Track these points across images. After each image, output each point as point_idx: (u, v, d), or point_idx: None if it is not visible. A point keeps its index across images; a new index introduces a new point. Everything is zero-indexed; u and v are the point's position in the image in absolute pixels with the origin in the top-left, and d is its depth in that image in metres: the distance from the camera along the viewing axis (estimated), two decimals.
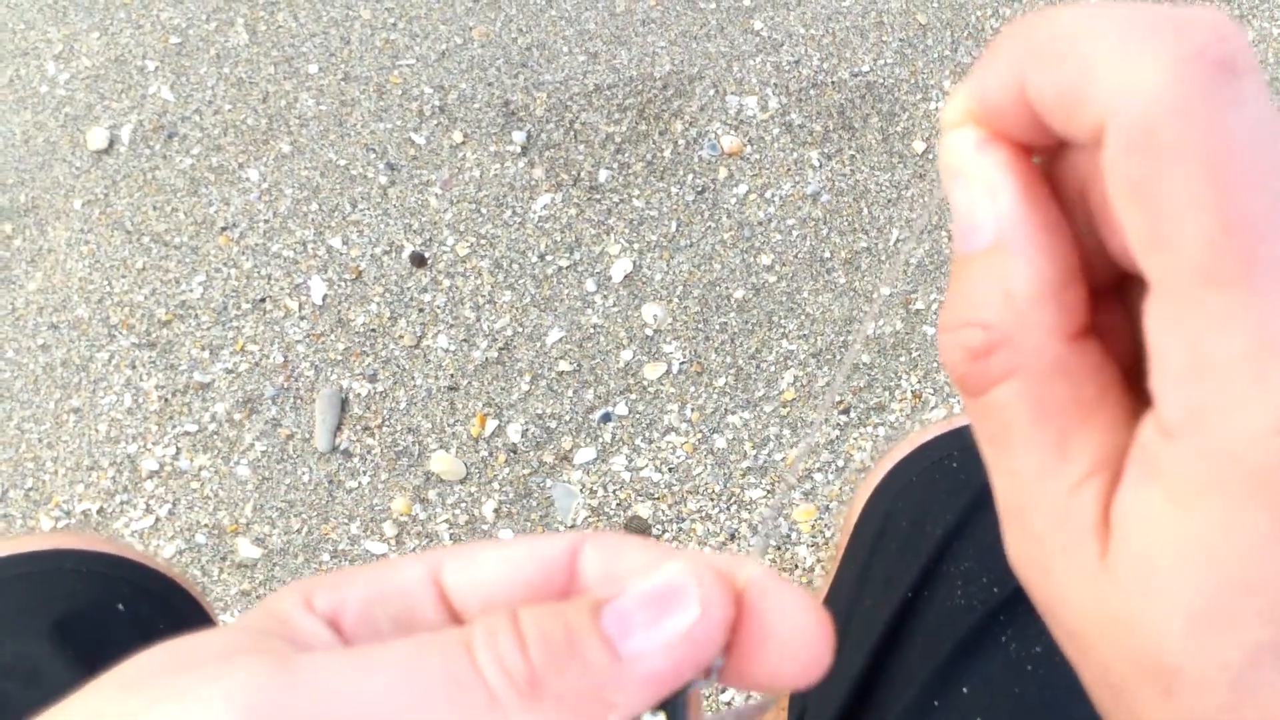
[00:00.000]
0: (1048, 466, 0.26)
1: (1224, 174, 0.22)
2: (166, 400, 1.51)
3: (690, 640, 0.27)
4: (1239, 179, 0.22)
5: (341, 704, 0.24)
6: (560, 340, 1.56)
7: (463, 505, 1.48)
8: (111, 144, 1.62)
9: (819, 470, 1.53)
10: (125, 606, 0.74)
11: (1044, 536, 0.26)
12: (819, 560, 1.48)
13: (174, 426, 1.50)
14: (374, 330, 1.55)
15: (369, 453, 1.49)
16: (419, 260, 1.58)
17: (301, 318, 1.55)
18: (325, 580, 0.29)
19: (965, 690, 0.66)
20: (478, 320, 1.56)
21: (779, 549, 1.48)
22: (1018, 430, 0.26)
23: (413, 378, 1.53)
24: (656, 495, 1.50)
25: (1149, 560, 0.24)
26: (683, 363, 1.56)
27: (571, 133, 1.66)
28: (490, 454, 1.50)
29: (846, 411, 1.55)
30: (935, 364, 1.59)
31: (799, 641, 0.28)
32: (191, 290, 1.56)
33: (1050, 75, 0.24)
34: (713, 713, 1.39)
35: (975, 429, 0.28)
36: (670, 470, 1.51)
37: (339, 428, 1.50)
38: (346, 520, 1.47)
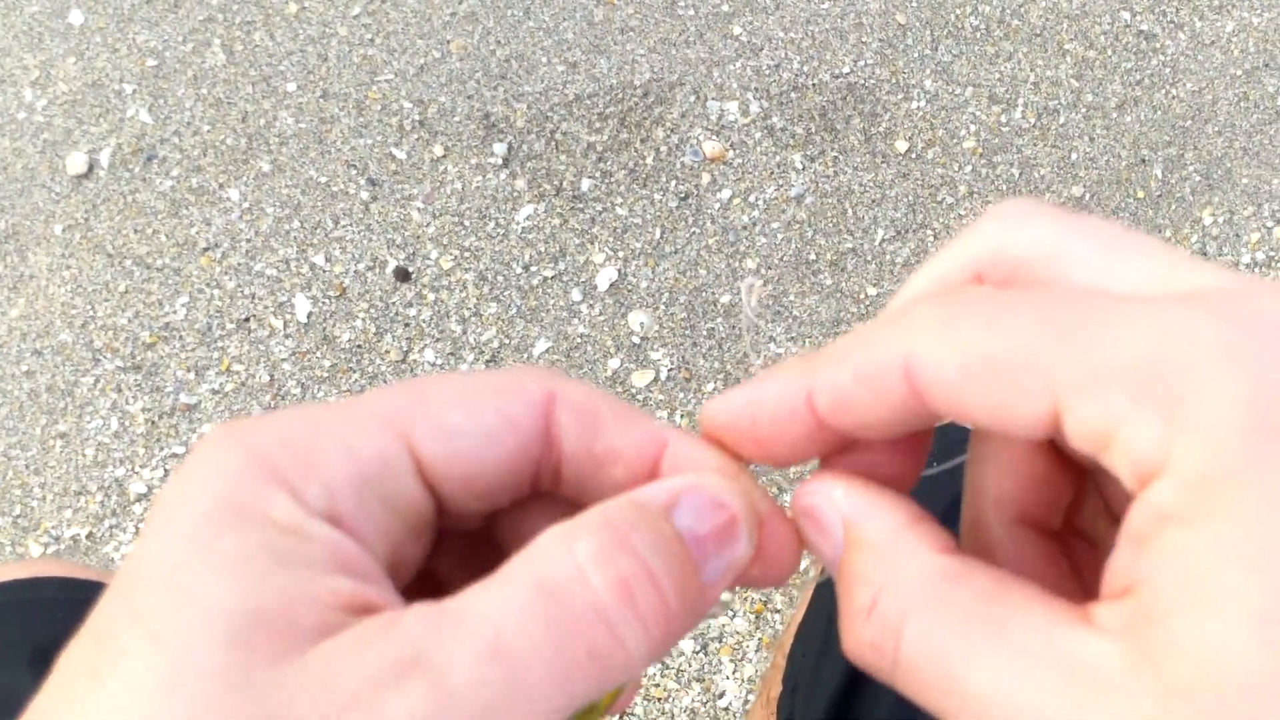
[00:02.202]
0: (1017, 643, 0.24)
1: None
2: (153, 423, 1.51)
3: (738, 571, 0.28)
4: None
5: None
6: (547, 351, 1.55)
7: None
8: (91, 168, 1.61)
9: (810, 470, 1.52)
10: None
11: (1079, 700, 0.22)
12: (813, 560, 1.47)
13: (162, 449, 1.49)
14: (360, 346, 1.54)
15: None
16: (403, 275, 1.57)
17: (287, 336, 1.54)
18: (295, 461, 0.25)
19: None
20: (464, 333, 1.56)
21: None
22: (953, 647, 0.24)
23: None
24: None
25: (1195, 591, 0.21)
26: (671, 369, 1.56)
27: (553, 143, 1.65)
28: None
29: None
30: None
31: (782, 558, 0.30)
32: (175, 312, 1.55)
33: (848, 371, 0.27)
34: None
35: (928, 698, 0.25)
36: None
37: None
38: None
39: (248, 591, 0.23)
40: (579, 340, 1.56)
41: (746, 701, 1.39)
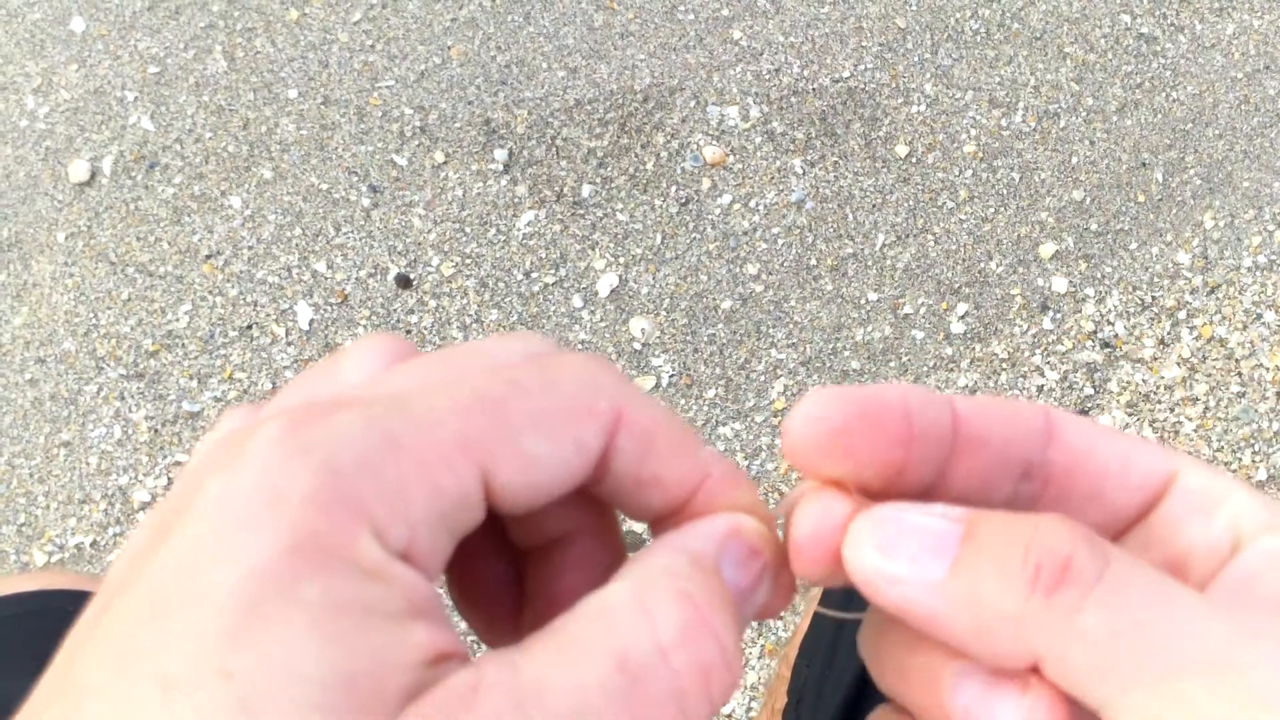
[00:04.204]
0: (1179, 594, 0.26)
1: None
2: (156, 431, 1.51)
3: (756, 613, 0.29)
4: None
5: None
6: None
7: None
8: (93, 176, 1.62)
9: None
10: None
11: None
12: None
13: (165, 457, 1.50)
14: None
15: None
16: (404, 282, 1.58)
17: (289, 343, 1.55)
18: (381, 494, 0.23)
19: None
20: (465, 340, 1.56)
21: None
22: (1159, 574, 0.26)
23: None
24: None
25: None
26: (672, 375, 1.56)
27: (553, 149, 1.66)
28: None
29: None
30: (925, 368, 1.59)
31: (785, 597, 0.30)
32: (178, 320, 1.56)
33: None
34: None
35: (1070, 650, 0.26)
36: None
37: None
38: None
39: (338, 654, 0.21)
40: (580, 346, 1.56)
41: (750, 709, 1.40)
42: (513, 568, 0.32)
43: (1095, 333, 1.63)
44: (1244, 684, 0.23)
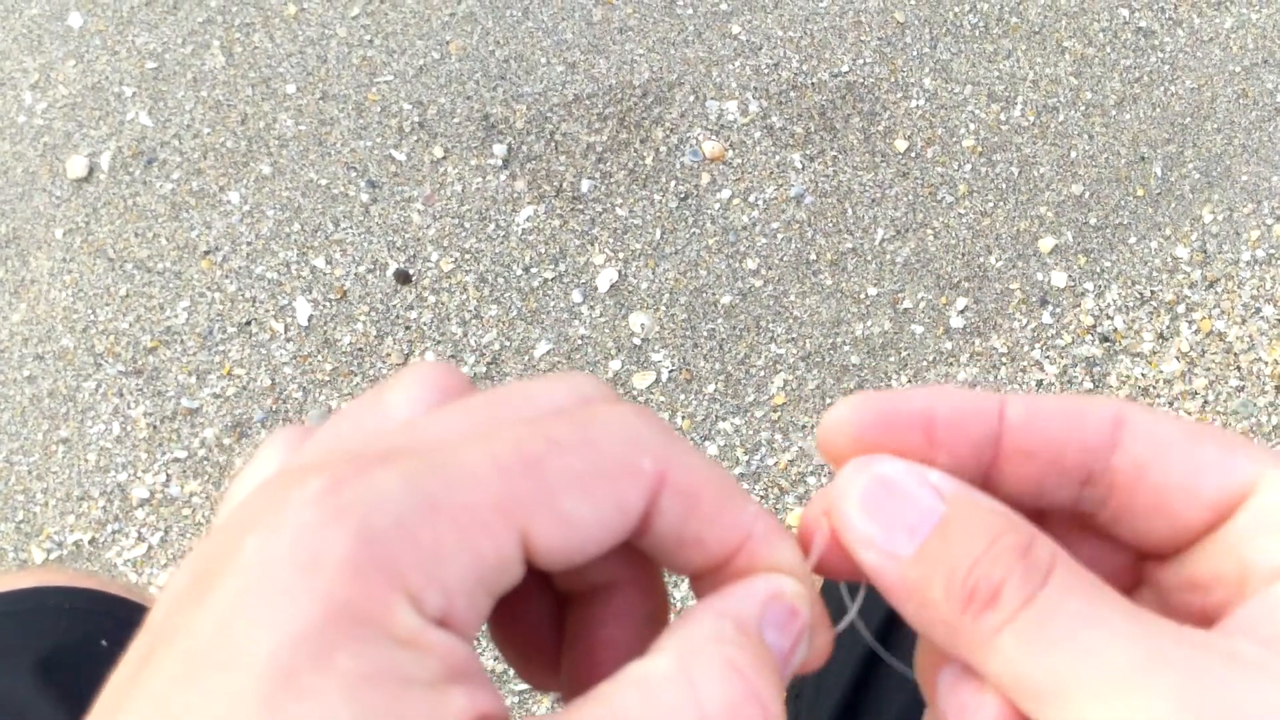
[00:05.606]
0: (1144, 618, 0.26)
1: None
2: (155, 427, 1.51)
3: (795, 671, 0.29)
4: None
5: None
6: (548, 353, 1.55)
7: None
8: (91, 172, 1.61)
9: (811, 474, 1.52)
10: (109, 642, 0.74)
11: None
12: None
13: (163, 453, 1.50)
14: (361, 349, 1.54)
15: None
16: (404, 277, 1.58)
17: (288, 339, 1.55)
18: (417, 562, 0.23)
19: None
20: (465, 335, 1.56)
21: None
22: (1098, 597, 0.27)
23: None
24: None
25: None
26: (672, 370, 1.56)
27: (552, 144, 1.65)
28: None
29: None
30: (925, 362, 1.59)
31: (823, 654, 0.30)
32: (176, 316, 1.55)
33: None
34: None
35: (1028, 662, 0.27)
36: None
37: None
38: None
39: None
40: (580, 342, 1.56)
41: None
42: (553, 610, 0.31)
43: (1094, 327, 1.63)
44: (1141, 708, 0.24)
